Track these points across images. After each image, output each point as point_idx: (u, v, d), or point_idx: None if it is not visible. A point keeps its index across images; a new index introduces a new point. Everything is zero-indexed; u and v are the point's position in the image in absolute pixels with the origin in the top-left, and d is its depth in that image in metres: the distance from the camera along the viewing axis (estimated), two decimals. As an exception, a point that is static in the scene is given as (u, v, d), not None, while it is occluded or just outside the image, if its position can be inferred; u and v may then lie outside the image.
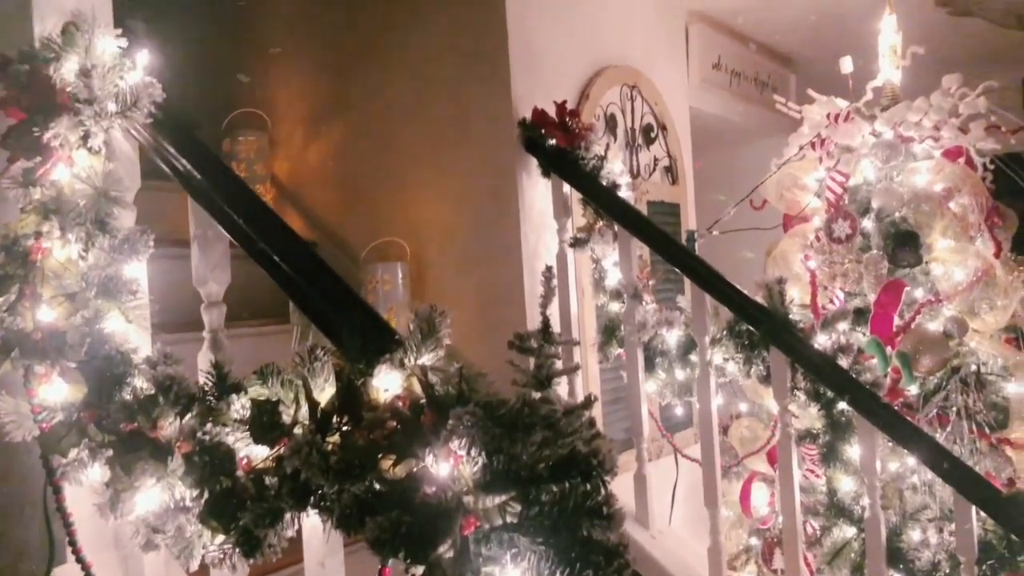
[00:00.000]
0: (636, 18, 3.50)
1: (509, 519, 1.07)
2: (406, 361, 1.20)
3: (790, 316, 2.43)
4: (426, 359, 1.22)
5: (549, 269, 2.58)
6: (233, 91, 3.38)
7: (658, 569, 2.56)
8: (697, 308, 2.56)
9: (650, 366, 2.71)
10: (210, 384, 1.33)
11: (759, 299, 2.46)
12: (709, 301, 2.55)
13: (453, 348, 3.01)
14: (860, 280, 2.92)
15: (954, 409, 2.56)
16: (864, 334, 2.86)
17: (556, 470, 1.09)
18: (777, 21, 4.13)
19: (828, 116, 3.07)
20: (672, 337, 2.69)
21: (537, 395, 2.59)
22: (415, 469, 1.09)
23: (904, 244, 2.86)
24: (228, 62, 3.49)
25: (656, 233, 2.64)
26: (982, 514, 2.21)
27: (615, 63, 3.30)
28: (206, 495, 1.26)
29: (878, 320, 2.82)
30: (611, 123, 3.28)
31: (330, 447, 1.16)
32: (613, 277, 2.75)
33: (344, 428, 1.16)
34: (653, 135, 3.54)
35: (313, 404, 1.18)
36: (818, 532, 2.52)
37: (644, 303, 2.70)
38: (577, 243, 2.75)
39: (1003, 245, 2.89)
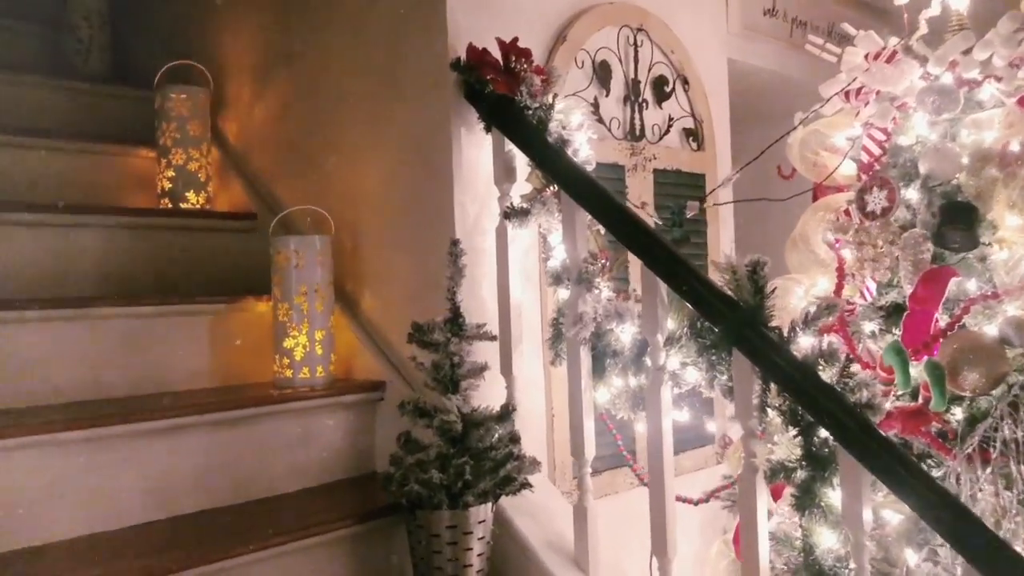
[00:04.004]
0: (646, -53, 2.90)
1: None
2: None
3: (764, 309, 1.82)
4: None
5: (456, 244, 2.09)
6: (176, 43, 3.02)
7: (586, 630, 2.01)
8: (648, 297, 1.98)
9: (602, 369, 2.15)
10: None
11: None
12: (665, 289, 1.97)
13: (383, 336, 2.55)
14: (897, 267, 2.24)
15: (998, 443, 1.87)
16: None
17: None
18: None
19: (867, 57, 2.39)
20: (626, 334, 2.12)
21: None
22: None
23: (956, 220, 2.17)
24: (170, 11, 3.13)
25: (600, 198, 2.06)
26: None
27: None
28: None
29: (913, 321, 2.14)
30: (603, 72, 2.70)
31: None
32: (560, 257, 2.20)
33: None
34: (668, 90, 2.93)
35: None
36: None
37: (596, 290, 2.14)
38: (514, 214, 2.22)
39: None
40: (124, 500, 1.93)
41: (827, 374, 1.76)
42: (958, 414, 2.10)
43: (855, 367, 2.21)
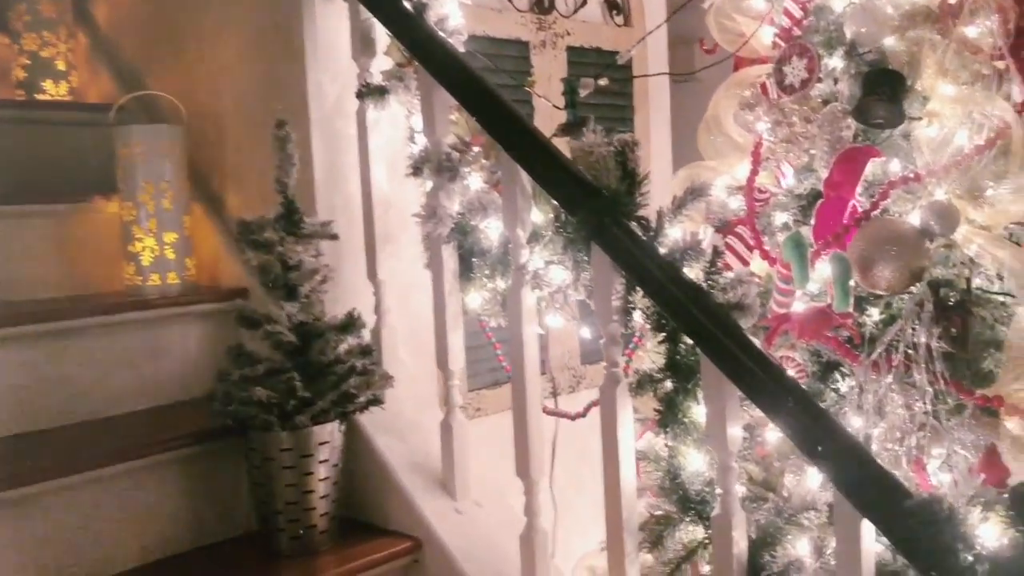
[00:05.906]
0: None
1: None
2: None
3: (632, 197, 1.56)
4: None
5: (281, 125, 1.81)
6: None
7: (444, 555, 1.80)
8: (508, 187, 1.71)
9: (469, 270, 1.90)
10: None
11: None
12: (526, 177, 1.70)
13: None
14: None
15: (901, 347, 1.60)
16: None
17: None
18: None
19: (791, -100, 2.05)
20: (494, 230, 1.86)
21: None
22: None
23: (878, 91, 1.86)
24: None
25: (459, 74, 1.77)
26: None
27: None
28: None
29: (827, 209, 1.86)
30: (498, -66, 2.38)
31: None
32: (421, 142, 1.92)
33: None
34: (585, -44, 2.60)
35: None
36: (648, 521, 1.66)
37: (464, 181, 1.87)
38: (369, 93, 1.93)
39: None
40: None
41: (695, 271, 1.50)
42: (875, 315, 1.84)
43: (760, 264, 1.97)
